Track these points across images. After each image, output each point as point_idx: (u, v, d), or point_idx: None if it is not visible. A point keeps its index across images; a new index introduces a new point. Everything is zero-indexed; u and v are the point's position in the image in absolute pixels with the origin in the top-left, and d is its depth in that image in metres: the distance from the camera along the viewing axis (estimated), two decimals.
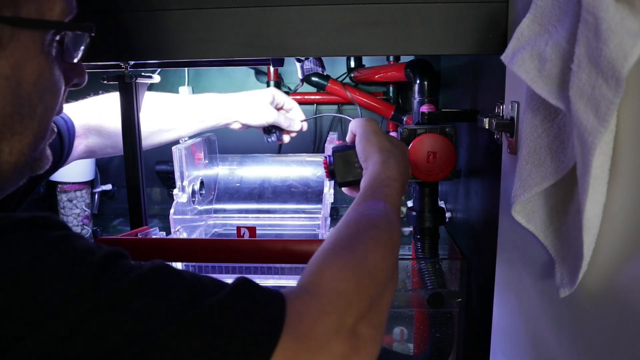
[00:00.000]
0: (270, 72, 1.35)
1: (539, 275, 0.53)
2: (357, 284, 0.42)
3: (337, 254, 0.44)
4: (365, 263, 0.44)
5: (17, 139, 0.43)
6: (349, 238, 0.47)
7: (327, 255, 0.45)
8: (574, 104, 0.38)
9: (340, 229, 0.50)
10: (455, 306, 0.87)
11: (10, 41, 0.41)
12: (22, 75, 0.42)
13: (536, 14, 0.46)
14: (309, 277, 0.43)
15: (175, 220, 0.95)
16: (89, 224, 1.45)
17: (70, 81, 0.50)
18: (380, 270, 0.45)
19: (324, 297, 0.40)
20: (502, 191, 0.65)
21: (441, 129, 0.82)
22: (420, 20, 0.65)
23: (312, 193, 1.17)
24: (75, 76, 0.50)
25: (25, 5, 0.41)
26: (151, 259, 0.40)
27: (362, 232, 0.48)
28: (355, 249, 0.45)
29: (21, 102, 0.43)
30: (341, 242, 0.47)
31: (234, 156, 1.23)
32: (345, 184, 0.71)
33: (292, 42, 0.66)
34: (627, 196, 0.38)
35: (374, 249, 0.46)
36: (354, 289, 0.41)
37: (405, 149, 0.70)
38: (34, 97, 0.43)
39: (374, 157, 0.63)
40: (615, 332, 0.40)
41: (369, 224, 0.49)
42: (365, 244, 0.46)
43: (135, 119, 0.83)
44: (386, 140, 0.66)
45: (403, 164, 0.64)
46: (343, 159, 0.70)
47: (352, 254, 0.44)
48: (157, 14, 0.67)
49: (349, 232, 0.49)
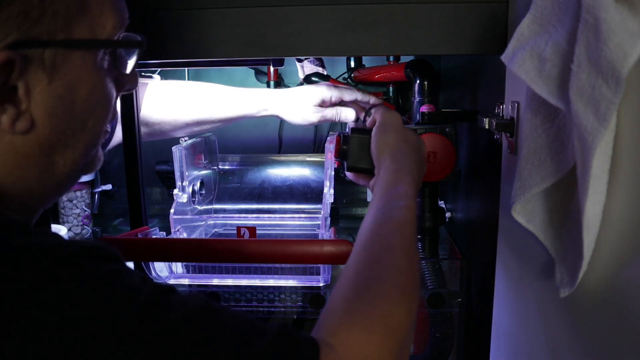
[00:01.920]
0: (270, 72, 1.35)
1: (539, 275, 0.53)
2: (384, 347, 0.42)
3: (364, 310, 0.43)
4: (392, 321, 0.43)
5: (70, 152, 0.44)
6: (374, 285, 0.46)
7: (353, 309, 0.44)
8: (574, 104, 0.38)
9: (362, 268, 0.48)
10: (455, 306, 0.87)
11: (63, 63, 0.41)
12: (75, 94, 0.43)
13: (536, 14, 0.46)
14: (336, 332, 0.42)
15: (175, 220, 0.95)
16: (89, 224, 1.45)
17: (122, 87, 0.50)
18: (405, 325, 0.44)
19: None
20: (502, 191, 0.65)
21: (441, 129, 0.82)
22: (420, 20, 0.65)
23: (312, 193, 1.17)
24: (127, 82, 0.50)
25: (77, 27, 0.42)
26: (151, 259, 0.40)
27: (386, 278, 0.47)
28: (382, 304, 0.44)
29: (74, 117, 0.43)
30: (365, 290, 0.45)
31: (234, 156, 1.23)
32: (354, 169, 0.68)
33: (292, 42, 0.66)
34: (627, 196, 0.38)
35: (400, 302, 0.45)
36: (379, 353, 0.41)
37: (420, 146, 0.67)
38: (86, 111, 0.44)
39: (386, 160, 0.61)
40: (615, 332, 0.40)
41: (392, 266, 0.48)
42: (391, 297, 0.45)
43: (135, 119, 0.83)
44: (403, 140, 0.63)
45: (417, 169, 0.61)
46: (360, 143, 0.66)
47: (379, 312, 0.44)
48: (157, 14, 0.67)
49: (373, 277, 0.47)
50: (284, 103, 0.93)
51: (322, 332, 0.42)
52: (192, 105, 0.92)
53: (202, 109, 0.92)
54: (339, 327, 0.42)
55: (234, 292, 0.88)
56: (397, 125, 0.65)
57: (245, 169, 1.22)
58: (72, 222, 1.42)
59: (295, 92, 0.94)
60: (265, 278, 0.84)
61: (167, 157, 1.18)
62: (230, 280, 0.85)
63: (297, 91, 0.94)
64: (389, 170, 0.59)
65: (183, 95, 0.92)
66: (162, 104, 0.91)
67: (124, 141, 0.84)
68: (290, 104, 0.93)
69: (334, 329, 0.42)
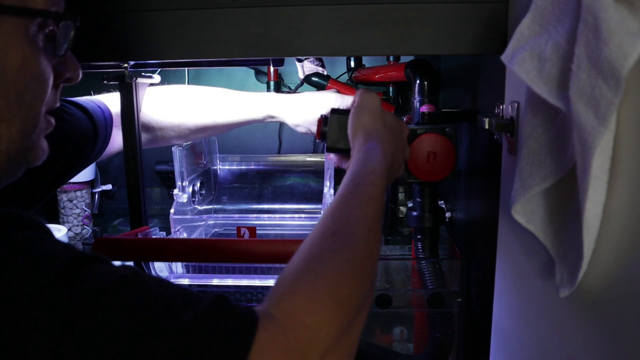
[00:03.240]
0: (270, 72, 1.35)
1: (539, 275, 0.53)
2: (328, 318, 0.40)
3: (310, 280, 0.42)
4: (339, 292, 0.42)
5: (6, 126, 0.44)
6: (324, 256, 0.44)
7: (300, 278, 0.42)
8: (574, 104, 0.38)
9: (316, 241, 0.47)
10: (455, 306, 0.87)
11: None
12: (5, 60, 0.42)
13: (536, 14, 0.46)
14: (279, 301, 0.41)
15: (175, 220, 0.95)
16: (89, 224, 1.45)
17: (62, 75, 0.50)
18: (355, 298, 0.43)
19: (291, 331, 0.39)
20: (502, 191, 0.65)
21: (441, 129, 0.82)
22: (420, 20, 0.65)
23: (312, 193, 1.17)
24: (68, 71, 0.50)
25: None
26: (151, 259, 0.40)
27: (338, 250, 0.45)
28: (330, 274, 0.42)
29: (7, 87, 0.43)
30: (315, 261, 0.44)
31: (234, 156, 1.23)
32: (334, 150, 0.68)
33: (292, 42, 0.66)
34: (627, 196, 0.38)
35: (351, 274, 0.43)
36: (323, 324, 0.40)
37: (401, 130, 0.66)
38: (19, 83, 0.44)
39: (359, 140, 0.60)
40: (615, 332, 0.40)
41: (347, 239, 0.47)
42: (341, 268, 0.43)
43: (135, 119, 0.83)
44: (379, 122, 0.62)
45: (394, 150, 0.61)
46: (339, 123, 0.66)
47: (325, 281, 0.42)
48: (157, 14, 0.67)
49: (325, 248, 0.46)
50: (291, 109, 0.92)
51: (265, 304, 0.41)
52: (197, 109, 0.90)
53: (207, 113, 0.91)
54: (283, 297, 0.41)
55: (234, 292, 0.89)
56: (374, 107, 0.64)
57: (245, 169, 1.22)
58: (72, 222, 1.43)
59: (304, 98, 0.93)
60: (265, 278, 0.84)
61: (167, 157, 1.18)
62: (230, 280, 0.86)
63: (305, 98, 0.93)
64: (360, 149, 0.59)
65: (188, 99, 0.90)
66: (166, 108, 0.89)
67: (124, 141, 0.84)
68: (298, 110, 0.91)
69: (277, 299, 0.41)
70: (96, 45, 0.69)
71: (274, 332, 0.38)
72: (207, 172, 1.14)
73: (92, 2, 0.67)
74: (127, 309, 0.35)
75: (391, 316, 0.97)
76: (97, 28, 0.68)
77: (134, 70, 0.81)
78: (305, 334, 0.39)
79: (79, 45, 0.67)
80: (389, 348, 0.99)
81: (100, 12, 0.67)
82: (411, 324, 0.98)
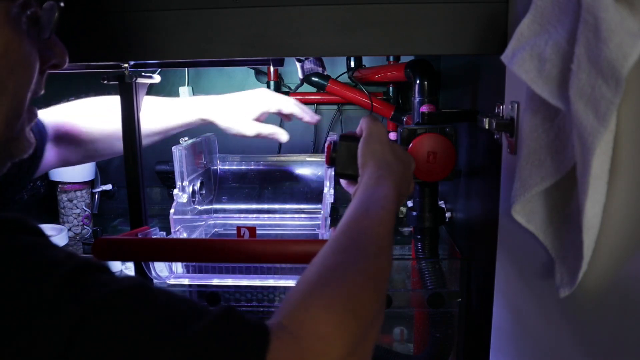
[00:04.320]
0: (270, 72, 1.35)
1: (539, 275, 0.53)
2: (341, 328, 0.39)
3: (324, 291, 0.41)
4: (353, 303, 0.41)
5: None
6: (338, 269, 0.44)
7: (314, 289, 0.42)
8: (574, 104, 0.38)
9: (329, 255, 0.46)
10: (455, 306, 0.87)
11: None
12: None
13: (536, 14, 0.46)
14: (292, 312, 0.40)
15: (175, 220, 0.95)
16: (89, 224, 1.45)
17: (48, 60, 0.48)
18: (368, 309, 0.42)
19: (305, 341, 0.38)
20: (502, 191, 0.65)
21: (441, 129, 0.82)
22: (420, 20, 0.65)
23: (312, 193, 1.17)
24: (54, 56, 0.49)
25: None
26: (151, 259, 0.39)
27: (352, 263, 0.45)
28: (344, 285, 0.42)
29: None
30: (329, 274, 0.44)
31: (234, 156, 1.23)
32: (343, 175, 0.70)
33: (292, 42, 0.66)
34: (627, 196, 0.38)
35: (364, 285, 0.43)
36: (337, 334, 0.39)
37: (409, 162, 0.67)
38: (3, 69, 0.42)
39: (370, 168, 0.60)
40: (616, 332, 0.40)
41: (360, 254, 0.47)
42: (354, 280, 0.43)
43: (135, 119, 0.83)
44: (389, 152, 0.63)
45: (402, 181, 0.61)
46: (348, 150, 0.67)
47: (339, 292, 0.41)
48: (157, 14, 0.67)
49: (338, 262, 0.45)
50: (221, 111, 0.91)
51: (277, 317, 0.40)
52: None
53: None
54: (296, 307, 0.40)
55: (234, 292, 0.89)
56: (384, 138, 0.65)
57: (245, 169, 1.22)
58: (72, 222, 1.43)
59: (233, 99, 0.92)
60: (265, 278, 0.84)
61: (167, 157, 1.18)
62: (230, 280, 0.85)
63: (234, 98, 0.92)
64: (371, 176, 0.59)
65: (115, 109, 0.86)
66: (95, 120, 0.86)
67: (124, 141, 0.84)
68: (227, 112, 0.91)
69: (289, 310, 0.40)
70: (96, 45, 0.69)
71: (288, 341, 0.37)
72: (207, 172, 1.14)
73: (92, 2, 0.67)
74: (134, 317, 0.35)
75: (391, 316, 0.97)
76: (97, 28, 0.68)
77: (134, 70, 0.81)
78: (320, 343, 0.38)
79: (79, 45, 0.67)
80: (389, 348, 0.99)
81: (100, 12, 0.67)
82: (411, 324, 0.98)
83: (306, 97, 1.38)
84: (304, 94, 1.38)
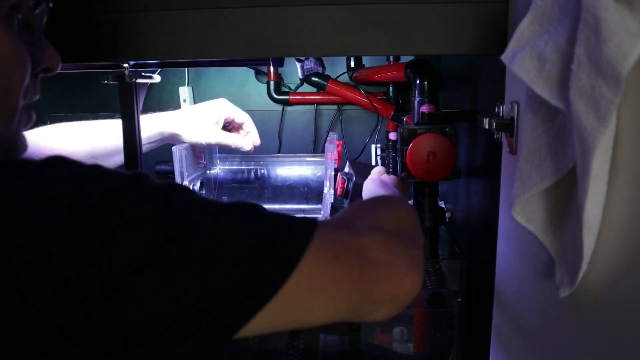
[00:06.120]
0: (270, 72, 1.35)
1: (539, 275, 0.53)
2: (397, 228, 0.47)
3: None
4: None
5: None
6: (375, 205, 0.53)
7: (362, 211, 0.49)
8: (574, 104, 0.38)
9: (364, 203, 0.53)
10: (455, 306, 0.87)
11: None
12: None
13: (536, 14, 0.46)
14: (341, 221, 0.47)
15: None
16: None
17: (39, 64, 0.48)
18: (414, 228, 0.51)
19: (351, 228, 0.44)
20: (502, 191, 0.65)
21: (441, 129, 0.82)
22: (420, 20, 0.65)
23: (312, 193, 1.17)
24: (45, 60, 0.49)
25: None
26: None
27: (380, 205, 0.53)
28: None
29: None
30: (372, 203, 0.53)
31: (234, 156, 1.23)
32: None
33: (292, 42, 0.66)
34: (627, 196, 0.38)
35: (407, 217, 0.52)
36: (391, 228, 0.46)
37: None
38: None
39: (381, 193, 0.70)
40: (616, 332, 0.40)
41: (392, 205, 0.53)
42: (397, 206, 0.52)
43: (135, 119, 0.83)
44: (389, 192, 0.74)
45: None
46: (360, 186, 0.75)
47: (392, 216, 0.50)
48: (157, 14, 0.67)
49: (370, 204, 0.53)
50: (183, 124, 0.93)
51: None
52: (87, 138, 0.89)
53: (97, 140, 0.90)
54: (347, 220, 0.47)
55: None
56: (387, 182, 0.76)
57: (245, 169, 1.22)
58: None
59: (193, 111, 0.95)
60: None
61: (167, 157, 1.18)
62: None
63: (194, 111, 0.95)
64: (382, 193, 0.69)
65: (77, 129, 0.88)
66: (57, 139, 0.86)
67: (124, 140, 0.84)
68: (189, 125, 0.93)
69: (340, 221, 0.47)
70: (95, 45, 0.69)
71: (332, 225, 0.44)
72: (206, 172, 1.14)
73: (92, 2, 0.67)
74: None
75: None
76: (97, 28, 0.68)
77: (134, 70, 0.81)
78: (371, 229, 0.45)
79: (79, 45, 0.67)
80: (389, 348, 0.99)
81: (100, 12, 0.67)
82: (411, 324, 0.98)
83: (306, 97, 1.38)
84: (304, 93, 1.38)
